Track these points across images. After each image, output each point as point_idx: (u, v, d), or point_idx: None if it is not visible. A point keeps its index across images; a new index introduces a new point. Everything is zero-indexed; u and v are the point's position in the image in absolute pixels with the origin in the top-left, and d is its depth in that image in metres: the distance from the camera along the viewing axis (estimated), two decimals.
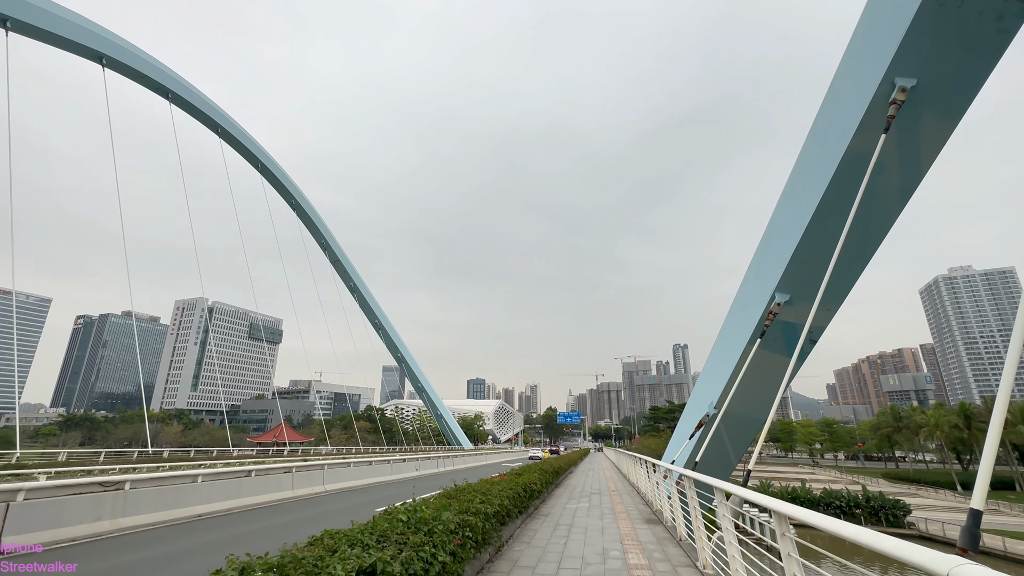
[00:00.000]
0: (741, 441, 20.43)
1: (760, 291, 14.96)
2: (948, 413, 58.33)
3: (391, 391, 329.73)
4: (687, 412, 22.89)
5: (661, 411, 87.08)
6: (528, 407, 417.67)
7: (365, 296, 66.81)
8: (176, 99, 40.41)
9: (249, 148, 47.38)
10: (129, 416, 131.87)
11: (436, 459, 28.39)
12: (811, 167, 12.05)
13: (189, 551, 7.92)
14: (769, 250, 14.72)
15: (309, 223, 58.19)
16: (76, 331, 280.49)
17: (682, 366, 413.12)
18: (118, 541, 8.42)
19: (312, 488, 15.84)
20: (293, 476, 14.96)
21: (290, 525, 10.64)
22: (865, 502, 41.36)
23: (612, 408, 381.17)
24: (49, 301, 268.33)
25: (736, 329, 17.11)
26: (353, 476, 18.67)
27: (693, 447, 19.46)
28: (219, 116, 44.16)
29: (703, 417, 19.10)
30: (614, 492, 14.79)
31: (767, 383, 17.06)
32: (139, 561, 7.27)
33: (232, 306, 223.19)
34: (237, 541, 8.84)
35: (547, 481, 12.83)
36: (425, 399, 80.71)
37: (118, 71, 35.11)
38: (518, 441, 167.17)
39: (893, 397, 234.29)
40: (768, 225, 14.59)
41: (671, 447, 24.08)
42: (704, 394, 20.31)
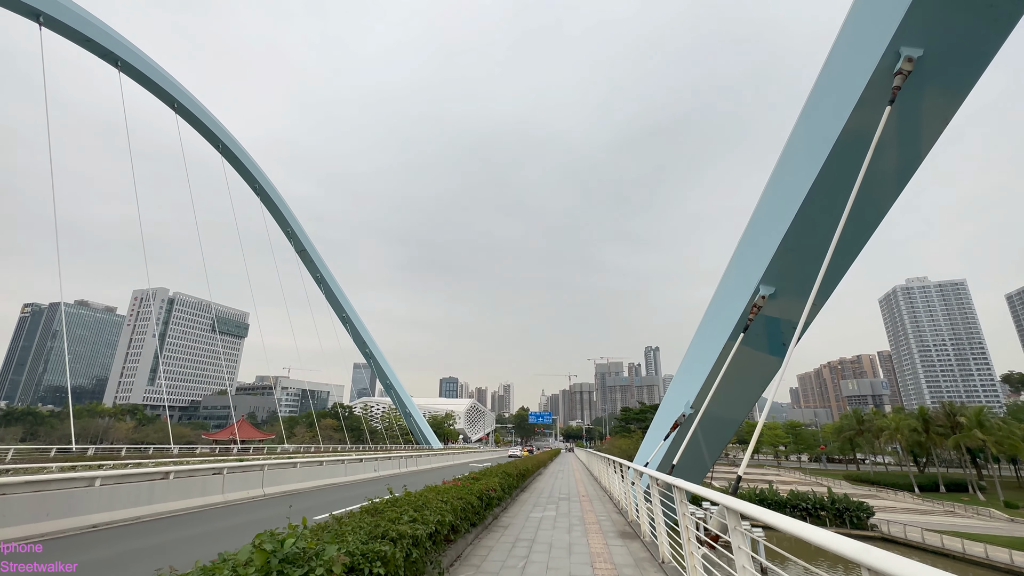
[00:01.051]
0: (717, 443, 19.59)
1: (743, 284, 13.95)
2: (908, 417, 59.99)
3: (361, 389, 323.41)
4: (661, 412, 21.97)
5: (632, 412, 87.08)
6: (501, 407, 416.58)
7: (332, 288, 64.13)
8: (127, 68, 37.35)
9: (208, 125, 44.46)
10: (77, 411, 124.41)
11: (398, 459, 26.70)
12: (802, 150, 11.06)
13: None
14: (754, 240, 13.68)
15: (274, 210, 55.31)
16: (23, 320, 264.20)
17: (653, 368, 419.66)
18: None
19: (248, 492, 14.04)
20: (224, 478, 13.15)
21: (202, 538, 8.97)
22: (830, 504, 41.69)
23: (584, 409, 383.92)
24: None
25: (716, 324, 16.15)
26: (300, 478, 16.89)
27: (668, 448, 18.52)
28: (175, 89, 41.19)
29: (679, 417, 18.15)
30: (584, 498, 13.56)
31: (747, 382, 16.15)
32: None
33: (195, 298, 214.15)
34: (120, 562, 7.16)
35: (511, 485, 11.48)
36: (393, 396, 78.38)
37: (57, 31, 32.04)
38: (489, 441, 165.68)
39: (852, 401, 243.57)
40: (753, 214, 13.56)
41: (644, 448, 23.11)
42: (680, 393, 19.39)
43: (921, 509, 49.58)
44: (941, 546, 33.64)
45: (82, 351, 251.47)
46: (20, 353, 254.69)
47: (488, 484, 8.67)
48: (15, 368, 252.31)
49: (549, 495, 14.10)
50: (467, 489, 7.36)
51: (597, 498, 13.47)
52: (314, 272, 62.62)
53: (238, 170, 50.30)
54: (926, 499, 55.03)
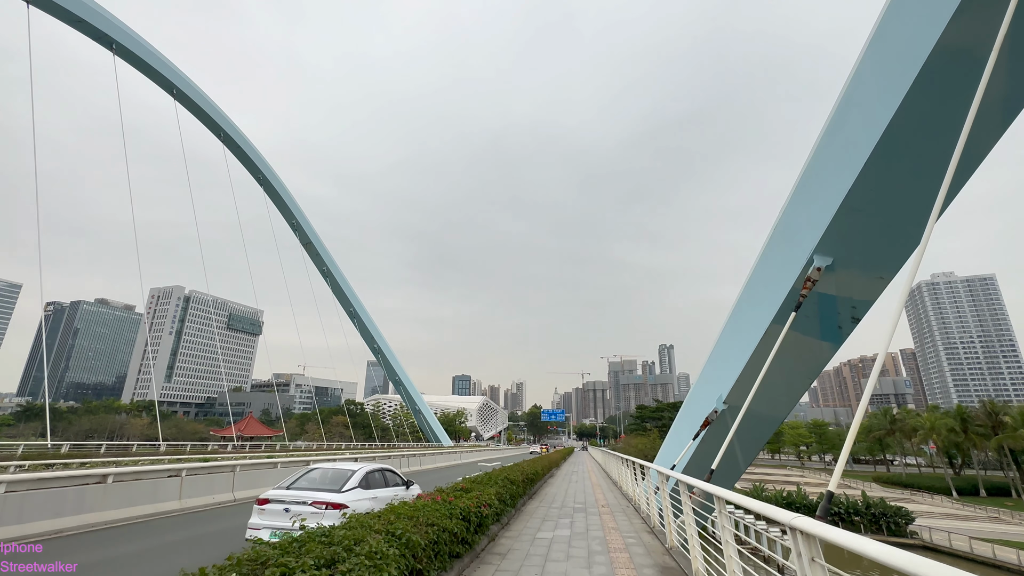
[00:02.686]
0: (754, 443, 17.26)
1: (792, 255, 11.55)
2: (944, 416, 56.44)
3: (375, 386, 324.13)
4: (687, 408, 19.69)
5: (648, 410, 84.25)
6: (514, 405, 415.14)
7: (339, 282, 62.68)
8: (122, 51, 36.01)
9: (208, 112, 43.05)
10: (94, 407, 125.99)
11: (399, 458, 24.77)
12: (876, 78, 8.59)
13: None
14: (807, 198, 11.18)
15: (278, 200, 53.93)
16: (46, 318, 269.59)
17: (667, 366, 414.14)
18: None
19: (213, 497, 12.15)
20: (182, 482, 11.25)
21: (118, 562, 7.01)
22: (865, 509, 38.83)
23: (597, 407, 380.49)
24: (19, 287, 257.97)
25: (756, 305, 13.76)
26: (279, 480, 14.97)
27: (696, 449, 16.27)
28: (173, 74, 39.80)
29: (710, 414, 15.88)
30: (604, 508, 11.38)
31: (793, 373, 13.74)
32: None
33: (210, 296, 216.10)
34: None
35: (514, 495, 9.36)
36: (403, 393, 76.88)
37: (48, 10, 30.72)
38: (501, 439, 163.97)
39: (873, 400, 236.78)
40: (805, 170, 11.10)
41: (666, 448, 20.81)
42: (710, 386, 17.08)
43: (962, 515, 46.27)
44: (992, 557, 30.68)
45: (102, 349, 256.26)
46: (43, 351, 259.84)
47: (482, 496, 6.56)
48: (38, 365, 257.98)
49: (562, 504, 11.95)
50: (446, 509, 5.25)
51: (620, 509, 11.28)
52: (320, 266, 61.23)
53: (240, 159, 48.96)
54: (966, 503, 51.56)
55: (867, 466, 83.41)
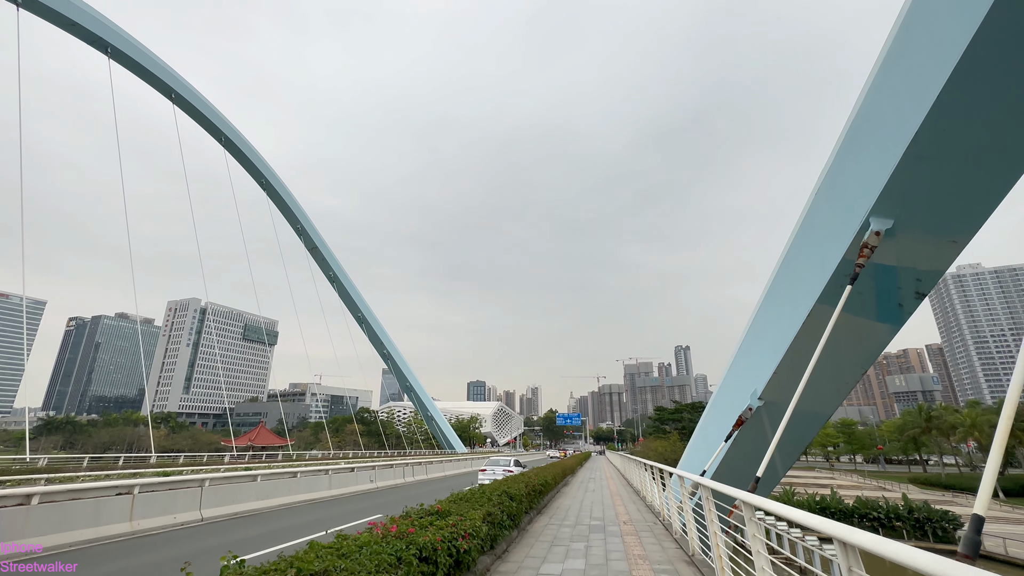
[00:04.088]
0: (795, 445, 15.21)
1: (841, 220, 9.57)
2: (987, 412, 52.97)
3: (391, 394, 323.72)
4: (715, 407, 17.66)
5: (667, 411, 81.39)
6: (529, 409, 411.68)
7: (346, 287, 61.60)
8: (117, 55, 35.36)
9: (207, 115, 42.31)
10: (113, 419, 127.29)
11: (401, 467, 23.11)
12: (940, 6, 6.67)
13: None
14: (860, 151, 9.16)
15: (282, 205, 53.08)
16: (68, 333, 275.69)
17: (684, 368, 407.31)
18: None
19: (175, 516, 10.57)
20: (134, 500, 9.69)
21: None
22: (907, 513, 35.96)
23: (614, 410, 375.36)
24: (44, 303, 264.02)
25: (797, 283, 11.79)
26: (260, 495, 13.38)
27: (727, 452, 14.29)
28: (171, 78, 39.11)
29: (743, 412, 13.90)
30: (626, 526, 9.50)
31: (843, 361, 11.74)
32: None
33: (226, 307, 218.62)
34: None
35: (515, 512, 7.56)
36: (414, 399, 75.45)
37: (40, 15, 30.10)
38: (517, 444, 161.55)
39: (900, 398, 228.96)
40: (856, 115, 9.08)
41: (692, 452, 18.80)
42: (741, 381, 15.06)
43: (1013, 518, 42.89)
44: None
45: (123, 362, 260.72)
46: (67, 365, 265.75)
47: (462, 523, 4.81)
48: (62, 380, 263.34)
49: (576, 521, 10.09)
50: (394, 548, 3.51)
51: (645, 527, 9.38)
52: (327, 271, 60.23)
53: (242, 163, 48.20)
54: (1016, 505, 48.01)
55: (900, 466, 79.33)
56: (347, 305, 63.32)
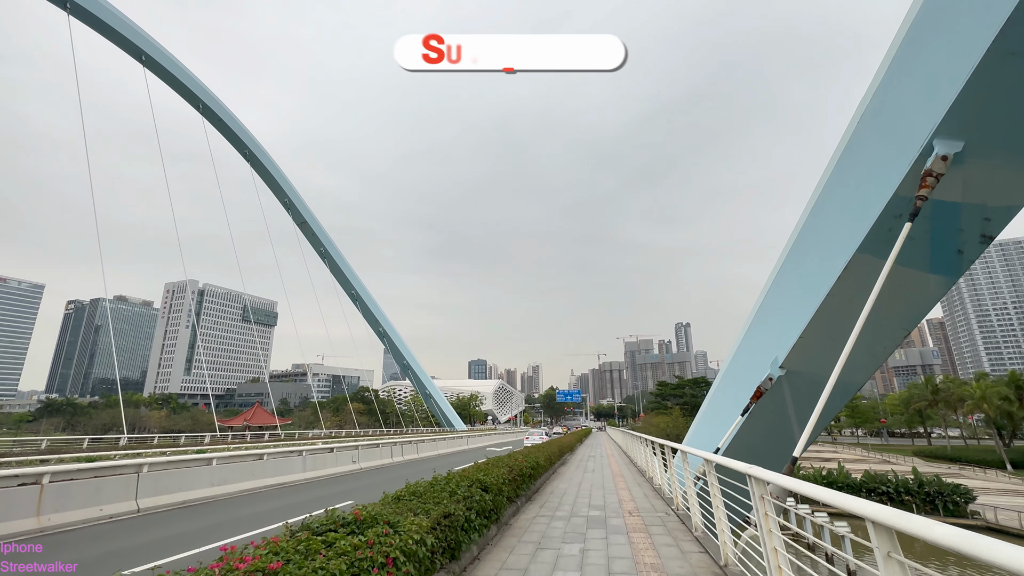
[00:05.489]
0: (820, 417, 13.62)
1: (893, 145, 7.64)
2: (996, 385, 51.77)
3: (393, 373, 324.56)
4: (726, 378, 16.06)
5: (669, 387, 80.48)
6: (530, 387, 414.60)
7: (339, 263, 59.67)
8: (76, 10, 32.69)
9: (180, 79, 39.72)
10: (112, 401, 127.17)
11: (388, 446, 21.65)
12: None
13: None
14: (922, 57, 7.05)
15: (268, 177, 50.69)
16: (68, 316, 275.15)
17: (684, 345, 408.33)
18: None
19: (100, 508, 8.97)
20: (42, 490, 8.05)
21: None
22: (917, 487, 34.92)
23: (614, 387, 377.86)
24: (42, 287, 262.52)
25: (832, 230, 9.96)
26: (214, 480, 11.81)
27: (742, 427, 12.77)
28: (140, 38, 36.39)
29: (763, 383, 12.26)
30: (632, 516, 7.86)
31: (882, 319, 9.86)
32: None
33: (224, 288, 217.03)
34: None
35: (491, 508, 5.88)
36: (411, 377, 74.42)
37: None
38: (518, 421, 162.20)
39: (899, 372, 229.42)
40: (917, 14, 6.99)
41: (699, 427, 17.25)
42: (759, 347, 13.41)
43: (1020, 490, 42.01)
44: None
45: (124, 344, 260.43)
46: (67, 348, 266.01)
47: (389, 543, 3.09)
48: (64, 362, 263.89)
49: (572, 511, 8.46)
50: None
51: (655, 517, 7.73)
52: (317, 247, 58.21)
53: (224, 133, 45.70)
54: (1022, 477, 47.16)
55: (904, 440, 78.78)
56: (340, 282, 61.51)
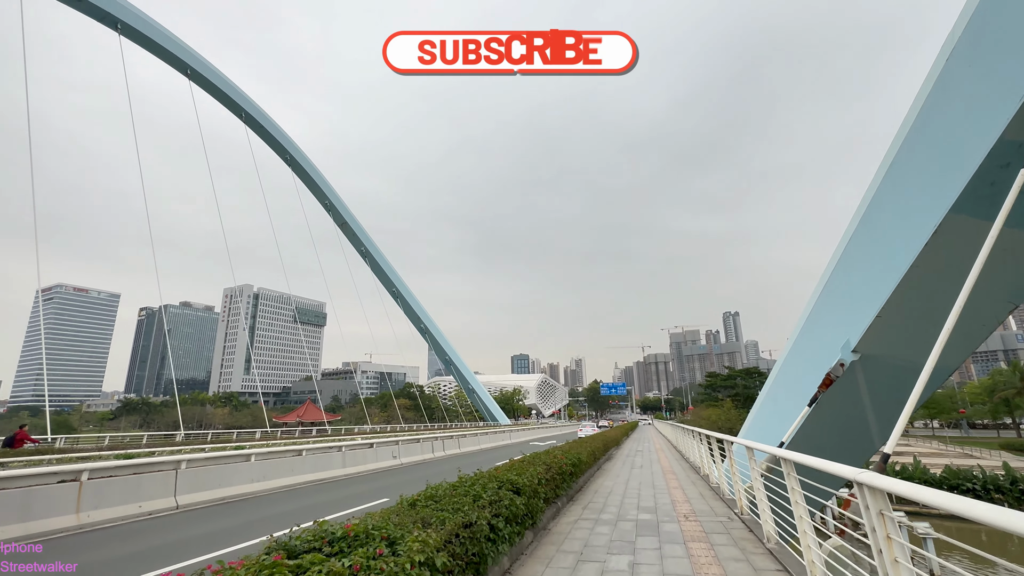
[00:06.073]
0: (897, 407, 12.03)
1: (1000, 79, 6.18)
2: None
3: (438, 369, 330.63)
4: (785, 367, 14.65)
5: (719, 378, 77.03)
6: (574, 381, 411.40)
7: (379, 261, 60.74)
8: (127, 30, 34.42)
9: (226, 91, 41.24)
10: (182, 399, 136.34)
11: (430, 441, 21.45)
12: None
13: None
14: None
15: (309, 181, 52.12)
16: (140, 322, 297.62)
17: (733, 334, 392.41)
18: None
19: (140, 506, 8.99)
20: (81, 487, 8.09)
21: None
22: (1010, 484, 31.38)
23: (660, 380, 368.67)
24: (118, 296, 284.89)
25: (916, 188, 8.56)
26: (254, 477, 11.76)
27: (808, 419, 11.46)
28: (186, 54, 37.99)
29: (833, 369, 10.91)
30: (689, 520, 6.92)
31: (983, 293, 8.23)
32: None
33: (277, 292, 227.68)
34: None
35: (518, 515, 5.14)
36: (454, 372, 74.98)
37: None
38: (562, 415, 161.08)
39: (976, 358, 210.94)
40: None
41: (756, 419, 15.82)
42: (825, 330, 12.06)
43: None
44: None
45: (189, 347, 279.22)
46: (141, 351, 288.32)
47: (382, 568, 2.43)
48: (139, 364, 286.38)
49: (618, 513, 7.61)
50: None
51: (718, 524, 6.73)
52: (358, 246, 59.44)
53: (266, 140, 47.25)
54: None
55: (987, 431, 71.75)
56: (381, 280, 62.65)
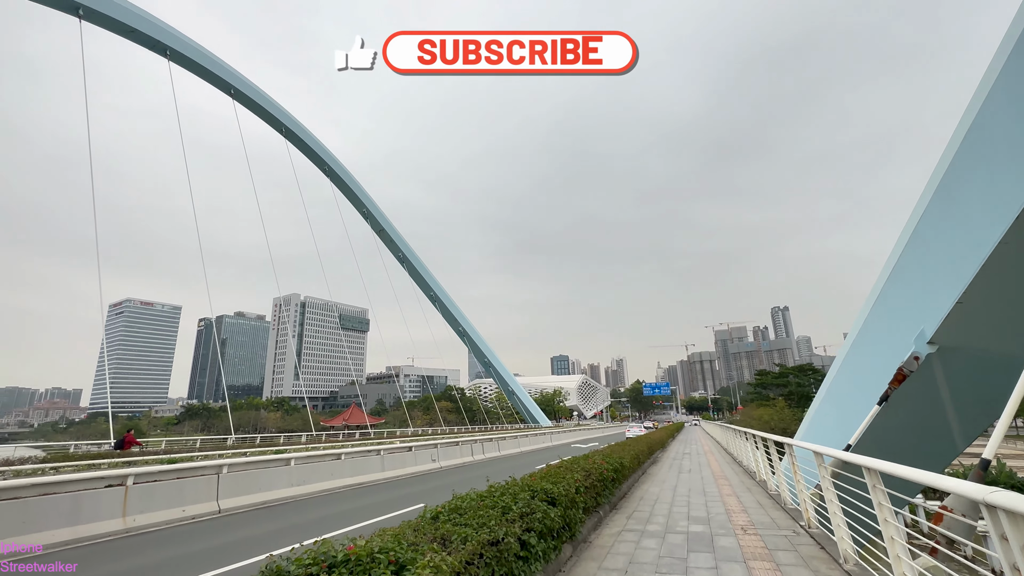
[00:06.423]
0: (983, 407, 11.12)
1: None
2: None
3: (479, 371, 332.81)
4: (848, 360, 13.66)
5: (770, 375, 73.22)
6: (615, 381, 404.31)
7: (416, 267, 61.62)
8: (176, 56, 36.45)
9: (266, 107, 42.99)
10: (239, 405, 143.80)
11: (469, 444, 21.22)
12: None
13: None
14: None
15: (347, 191, 53.53)
16: (200, 332, 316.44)
17: (783, 330, 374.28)
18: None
19: (183, 509, 9.13)
20: (127, 492, 8.24)
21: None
22: None
23: (706, 379, 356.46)
24: (180, 308, 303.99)
25: (1004, 153, 7.64)
26: (294, 481, 11.81)
27: (877, 419, 10.49)
28: (227, 73, 39.86)
29: (906, 362, 9.91)
30: (750, 538, 6.13)
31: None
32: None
33: (322, 300, 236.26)
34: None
35: (553, 529, 4.67)
36: (494, 374, 75.08)
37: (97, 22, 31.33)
38: (604, 416, 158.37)
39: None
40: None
41: (816, 419, 14.68)
42: (893, 320, 11.02)
43: None
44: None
45: (243, 354, 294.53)
46: (201, 359, 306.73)
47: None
48: (199, 372, 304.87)
49: (667, 524, 6.93)
50: None
51: (782, 540, 5.91)
52: (396, 252, 60.52)
53: (305, 152, 48.92)
54: None
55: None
56: (419, 285, 63.53)
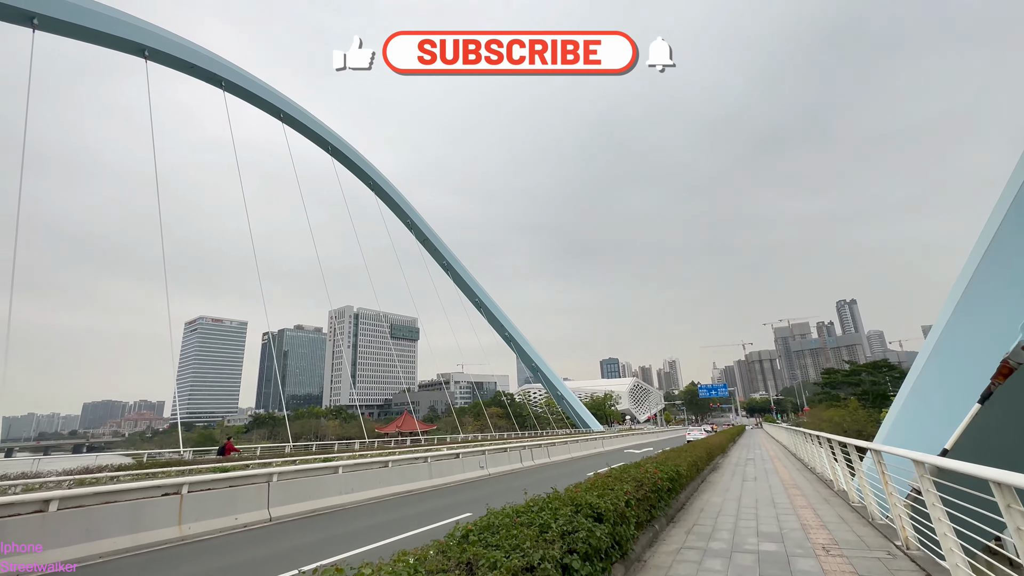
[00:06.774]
0: None
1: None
2: None
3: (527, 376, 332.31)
4: (936, 353, 12.24)
5: (839, 374, 67.92)
6: (668, 384, 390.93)
7: (460, 274, 62.27)
8: (230, 87, 38.81)
9: (314, 128, 44.98)
10: (301, 414, 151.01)
11: (518, 451, 20.78)
12: None
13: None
14: None
15: (391, 203, 54.99)
16: (264, 345, 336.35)
17: (851, 325, 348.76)
18: None
19: (236, 518, 9.29)
20: (182, 500, 8.45)
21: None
22: None
23: (766, 379, 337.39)
24: (246, 324, 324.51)
25: None
26: (342, 489, 11.85)
27: (977, 417, 9.14)
28: (277, 99, 42.00)
29: (1012, 353, 8.62)
30: (834, 560, 5.26)
31: None
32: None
33: (373, 311, 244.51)
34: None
35: (600, 549, 4.13)
36: (542, 379, 74.35)
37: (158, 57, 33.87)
38: (658, 420, 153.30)
39: None
40: None
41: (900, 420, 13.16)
42: (993, 305, 9.73)
43: None
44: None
45: (304, 365, 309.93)
46: (266, 371, 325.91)
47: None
48: (265, 383, 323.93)
49: (732, 541, 6.12)
50: None
51: (874, 563, 5.09)
52: (440, 260, 61.45)
53: (351, 169, 50.70)
54: None
55: None
56: (463, 291, 64.13)
